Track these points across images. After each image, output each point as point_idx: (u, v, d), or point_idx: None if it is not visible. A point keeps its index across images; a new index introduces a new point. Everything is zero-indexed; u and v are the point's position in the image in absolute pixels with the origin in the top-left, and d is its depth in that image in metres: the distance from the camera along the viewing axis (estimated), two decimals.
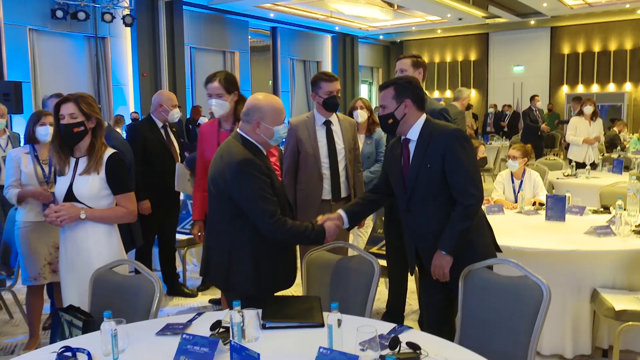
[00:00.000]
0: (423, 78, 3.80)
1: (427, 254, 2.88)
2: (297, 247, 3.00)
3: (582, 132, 7.69)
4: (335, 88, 3.78)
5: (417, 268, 3.03)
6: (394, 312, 4.09)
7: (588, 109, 7.62)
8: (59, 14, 11.20)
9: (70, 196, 2.92)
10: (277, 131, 2.72)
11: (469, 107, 7.12)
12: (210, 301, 4.98)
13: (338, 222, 2.88)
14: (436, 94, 20.41)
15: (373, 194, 3.10)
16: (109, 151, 3.00)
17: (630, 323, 3.20)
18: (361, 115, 4.78)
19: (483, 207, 4.15)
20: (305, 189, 3.83)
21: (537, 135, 10.92)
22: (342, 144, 3.87)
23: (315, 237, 2.76)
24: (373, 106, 20.52)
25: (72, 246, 2.97)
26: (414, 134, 2.83)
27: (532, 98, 11.53)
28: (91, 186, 2.91)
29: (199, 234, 3.76)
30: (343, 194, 3.88)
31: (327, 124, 3.85)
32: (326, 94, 3.76)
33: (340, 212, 2.95)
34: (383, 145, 4.89)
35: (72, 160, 2.98)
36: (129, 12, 12.13)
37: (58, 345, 2.14)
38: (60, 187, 2.96)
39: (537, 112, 11.19)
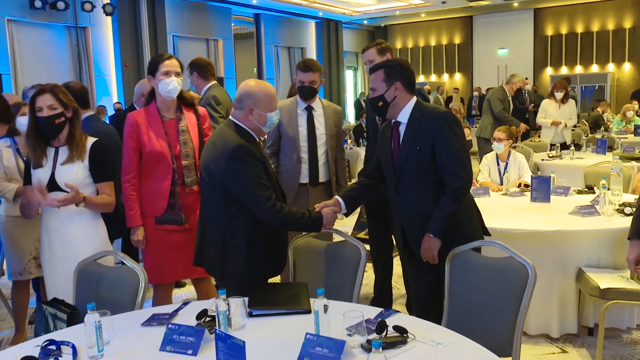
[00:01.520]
0: None
1: (414, 236, 2.89)
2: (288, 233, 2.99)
3: (551, 114, 7.86)
4: (309, 79, 3.82)
5: (405, 251, 3.04)
6: (382, 297, 4.10)
7: (558, 95, 7.81)
8: (38, 3, 11.03)
9: (53, 186, 2.87)
10: (270, 117, 2.71)
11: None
12: None
13: (335, 208, 2.88)
14: (421, 78, 20.40)
15: (368, 179, 3.10)
16: (92, 139, 2.96)
17: (615, 301, 3.23)
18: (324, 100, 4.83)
19: None
20: (286, 171, 3.89)
21: (525, 117, 10.99)
22: (324, 130, 3.91)
23: (312, 224, 2.76)
24: (359, 91, 20.47)
25: (56, 238, 2.93)
26: (404, 116, 2.84)
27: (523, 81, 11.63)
28: (76, 174, 2.87)
29: (143, 239, 3.34)
30: (322, 179, 3.93)
31: (309, 109, 3.89)
32: (299, 83, 3.84)
33: (337, 198, 2.95)
34: None
35: (51, 151, 2.93)
36: (109, 1, 11.96)
37: (42, 339, 2.12)
38: (41, 178, 2.90)
39: (527, 94, 11.24)
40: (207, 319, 2.23)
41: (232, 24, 16.06)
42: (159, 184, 3.30)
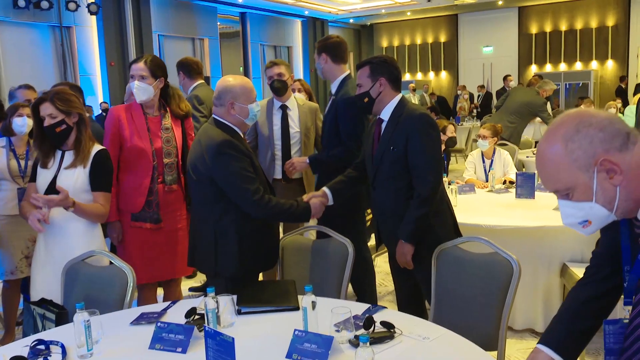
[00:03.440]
0: (333, 59, 3.66)
1: (386, 231, 2.98)
2: (280, 229, 3.03)
3: None
4: (276, 72, 3.93)
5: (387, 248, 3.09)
6: (360, 293, 4.03)
7: None
8: (21, 3, 10.91)
9: (52, 188, 2.86)
10: (251, 109, 2.75)
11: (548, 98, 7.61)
12: (190, 289, 4.97)
13: (323, 199, 2.95)
14: (407, 76, 20.46)
15: (355, 171, 3.15)
16: (97, 147, 2.96)
17: None
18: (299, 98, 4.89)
19: (455, 186, 4.21)
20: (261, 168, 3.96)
21: None
22: (297, 128, 4.01)
23: (301, 214, 2.82)
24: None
25: (52, 240, 2.91)
26: (386, 114, 2.90)
27: (505, 78, 11.76)
28: (76, 179, 2.87)
29: (117, 236, 3.35)
30: (295, 175, 3.96)
31: (283, 108, 3.99)
32: (269, 80, 3.97)
33: (325, 189, 3.01)
34: None
35: (58, 153, 2.94)
36: (93, 1, 11.87)
37: (31, 339, 2.12)
38: (43, 179, 2.91)
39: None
40: (196, 317, 2.24)
41: (218, 23, 16.01)
42: (139, 180, 3.29)
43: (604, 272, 1.74)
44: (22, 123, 3.65)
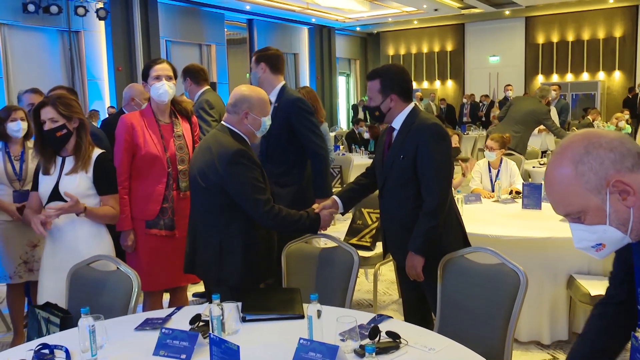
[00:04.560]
0: (272, 70, 3.68)
1: (392, 240, 2.98)
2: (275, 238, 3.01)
3: None
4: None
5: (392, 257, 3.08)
6: None
7: None
8: (31, 7, 10.97)
9: (55, 195, 2.87)
10: (263, 122, 2.77)
11: (548, 103, 7.67)
12: (194, 295, 4.96)
13: (333, 209, 2.95)
14: (413, 85, 20.44)
15: (365, 178, 3.15)
16: (97, 151, 2.96)
17: None
18: None
19: (461, 196, 4.19)
20: None
21: None
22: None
23: (310, 225, 2.82)
24: (351, 97, 20.24)
25: (59, 244, 2.91)
26: (397, 123, 2.90)
27: (504, 87, 11.82)
28: (78, 185, 2.87)
29: (132, 244, 3.33)
30: None
31: None
32: None
33: (335, 198, 3.01)
34: None
35: (58, 160, 2.94)
36: (102, 6, 11.93)
37: (35, 343, 2.12)
38: (46, 186, 2.91)
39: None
40: (201, 323, 2.23)
41: (225, 30, 16.07)
42: (153, 187, 3.29)
43: (623, 294, 1.70)
44: (17, 128, 3.66)
